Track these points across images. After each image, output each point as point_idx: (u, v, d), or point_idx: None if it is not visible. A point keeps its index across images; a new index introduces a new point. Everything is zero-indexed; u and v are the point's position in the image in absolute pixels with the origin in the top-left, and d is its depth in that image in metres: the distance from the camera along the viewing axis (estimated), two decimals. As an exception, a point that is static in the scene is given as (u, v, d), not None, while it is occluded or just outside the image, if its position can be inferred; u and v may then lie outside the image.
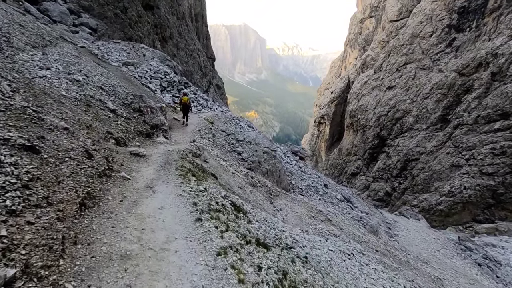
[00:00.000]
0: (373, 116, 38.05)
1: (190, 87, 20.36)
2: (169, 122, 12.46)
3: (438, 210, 23.45)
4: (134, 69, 17.17)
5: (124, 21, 20.18)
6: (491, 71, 23.80)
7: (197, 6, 46.64)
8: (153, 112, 9.85)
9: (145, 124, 9.14)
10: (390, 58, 39.40)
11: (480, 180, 21.37)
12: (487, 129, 22.21)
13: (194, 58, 38.90)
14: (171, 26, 30.15)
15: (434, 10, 34.86)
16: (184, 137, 11.82)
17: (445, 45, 31.95)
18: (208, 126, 14.54)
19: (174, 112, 15.70)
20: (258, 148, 14.49)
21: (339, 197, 16.68)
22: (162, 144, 8.91)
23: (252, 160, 13.51)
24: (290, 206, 11.19)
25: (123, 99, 9.47)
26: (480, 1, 28.50)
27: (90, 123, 6.65)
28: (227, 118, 17.81)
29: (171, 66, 21.24)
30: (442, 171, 24.67)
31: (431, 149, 26.89)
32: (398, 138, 32.84)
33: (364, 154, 38.80)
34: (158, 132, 9.67)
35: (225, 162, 11.17)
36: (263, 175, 13.28)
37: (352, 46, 64.39)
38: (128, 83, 12.13)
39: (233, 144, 14.04)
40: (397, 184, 30.46)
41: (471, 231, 20.52)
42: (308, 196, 14.89)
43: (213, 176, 7.84)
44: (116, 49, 17.84)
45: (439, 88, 29.27)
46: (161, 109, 11.33)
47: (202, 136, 13.10)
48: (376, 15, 55.70)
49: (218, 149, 12.97)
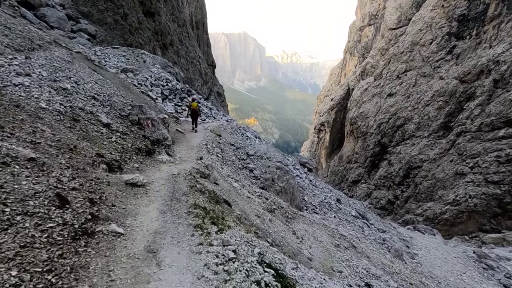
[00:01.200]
0: (374, 123, 37.81)
1: (193, 95, 19.80)
2: (172, 135, 11.34)
3: (443, 219, 22.96)
4: (134, 76, 16.36)
5: (124, 28, 20.00)
6: (493, 78, 23.67)
7: (198, 14, 46.92)
8: (154, 125, 8.78)
9: (145, 140, 8.08)
10: (390, 66, 39.42)
11: (485, 189, 20.97)
12: (491, 136, 21.92)
13: (195, 65, 38.85)
14: (172, 33, 30.11)
15: (434, 18, 35.03)
16: (190, 153, 10.66)
17: (445, 53, 31.96)
18: (215, 139, 13.46)
19: (177, 123, 14.42)
20: (270, 164, 13.55)
21: (353, 213, 15.80)
22: (165, 164, 7.76)
23: (265, 177, 12.56)
24: (311, 232, 10.22)
25: (120, 110, 8.24)
26: (480, 9, 28.61)
27: (75, 144, 5.31)
28: (233, 128, 17.03)
29: (173, 73, 20.50)
30: (446, 179, 24.27)
31: (434, 157, 26.54)
32: (399, 145, 32.52)
33: (365, 161, 38.41)
34: (160, 148, 8.61)
35: (237, 183, 10.11)
36: (277, 194, 12.41)
37: (352, 54, 64.76)
38: (127, 91, 11.34)
39: (243, 160, 13.05)
40: (399, 192, 29.98)
41: (478, 241, 20.00)
42: (322, 213, 13.99)
43: (226, 204, 6.76)
44: (115, 54, 17.20)
45: (441, 95, 29.12)
46: (164, 120, 10.26)
47: (210, 151, 11.99)
48: (375, 23, 56.19)
49: (228, 166, 11.89)
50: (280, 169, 13.69)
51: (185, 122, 15.75)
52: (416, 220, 25.08)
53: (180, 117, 16.57)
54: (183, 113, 17.59)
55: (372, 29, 56.86)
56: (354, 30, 65.40)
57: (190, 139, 12.73)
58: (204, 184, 6.88)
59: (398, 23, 43.66)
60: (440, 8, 34.43)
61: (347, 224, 13.78)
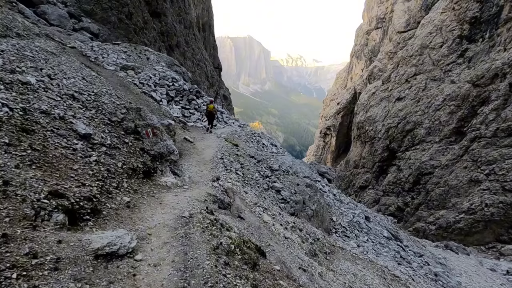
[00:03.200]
0: (382, 128, 36.90)
1: (202, 97, 18.35)
2: (179, 145, 9.56)
3: (457, 228, 21.91)
4: (135, 75, 15.01)
5: (128, 27, 19.65)
6: (509, 82, 22.74)
7: (205, 16, 46.84)
8: (156, 134, 6.98)
9: (144, 155, 6.18)
10: (399, 69, 38.59)
11: (503, 197, 19.94)
12: (508, 142, 20.93)
13: (201, 68, 38.58)
14: (178, 35, 29.85)
15: (444, 21, 34.21)
16: (202, 171, 8.57)
17: (456, 56, 31.06)
18: (232, 150, 11.62)
19: (184, 130, 12.32)
20: (299, 181, 11.70)
21: (385, 234, 14.04)
22: (170, 191, 5.95)
23: (295, 200, 10.66)
24: (359, 275, 8.47)
25: (110, 114, 6.21)
26: (493, 11, 27.75)
27: (7, 178, 3.14)
28: (247, 135, 15.58)
29: (180, 72, 19.00)
30: (459, 187, 23.25)
31: (446, 163, 25.54)
32: (409, 150, 31.54)
33: (373, 166, 37.42)
34: (164, 166, 6.80)
35: (267, 215, 8.30)
36: (309, 219, 10.64)
37: (358, 57, 64.07)
38: (125, 91, 9.98)
39: (268, 177, 11.18)
40: (409, 199, 28.95)
41: (495, 252, 18.95)
42: (353, 236, 12.33)
43: (259, 254, 4.97)
44: (114, 51, 15.91)
45: (452, 99, 28.18)
46: (169, 128, 8.56)
47: (228, 167, 10.04)
48: (383, 26, 55.50)
49: (251, 187, 9.94)
50: (311, 187, 11.77)
51: (194, 128, 14.17)
52: (428, 228, 24.05)
53: (188, 122, 14.86)
54: (191, 117, 16.08)
55: (380, 33, 56.17)
56: (361, 33, 64.78)
57: (202, 150, 10.77)
58: (229, 224, 5.11)
59: (407, 26, 42.91)
60: (451, 11, 33.61)
61: (382, 249, 12.22)
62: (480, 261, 14.61)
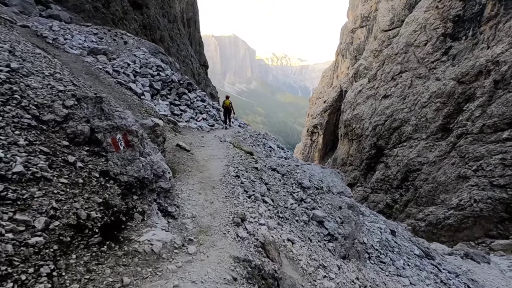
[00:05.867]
0: (369, 126, 37.00)
1: (196, 91, 15.81)
2: (170, 156, 6.97)
3: (447, 224, 22.03)
4: (108, 61, 12.53)
5: (106, 16, 18.05)
6: (493, 78, 23.10)
7: (189, 11, 45.21)
8: (132, 145, 4.26)
9: (107, 187, 3.60)
10: (385, 67, 38.85)
11: (491, 193, 20.17)
12: (495, 138, 21.23)
13: (187, 65, 37.06)
14: (162, 29, 28.32)
15: (428, 19, 34.65)
16: (212, 202, 5.75)
17: (441, 54, 31.50)
18: (247, 162, 8.63)
19: (175, 133, 9.53)
20: (339, 202, 9.12)
21: (417, 252, 12.12)
22: (158, 270, 3.30)
23: (343, 233, 8.02)
24: None
25: (40, 107, 3.49)
26: (475, 10, 28.24)
27: None
28: (252, 137, 13.30)
29: (167, 61, 16.49)
30: (448, 183, 23.43)
31: (434, 160, 25.73)
32: (396, 148, 31.71)
33: (361, 164, 37.50)
34: (147, 202, 4.15)
35: (329, 280, 5.91)
36: (358, 258, 8.38)
37: (344, 56, 64.47)
38: (94, 81, 8.03)
39: (303, 201, 8.37)
40: (398, 196, 29.05)
41: (485, 247, 19.11)
42: (389, 260, 10.05)
43: None
44: (81, 32, 13.34)
45: (438, 96, 28.49)
46: (155, 131, 5.84)
47: (249, 191, 6.99)
48: (368, 25, 56.02)
49: (289, 222, 7.04)
50: (353, 209, 9.13)
51: (187, 129, 11.46)
52: (418, 225, 24.10)
53: (180, 122, 11.98)
54: (183, 115, 13.19)
55: (365, 31, 56.66)
56: (346, 32, 65.22)
57: (205, 163, 7.69)
58: None
59: (391, 24, 43.31)
60: (434, 9, 34.08)
61: (421, 273, 10.39)
62: (503, 270, 13.71)
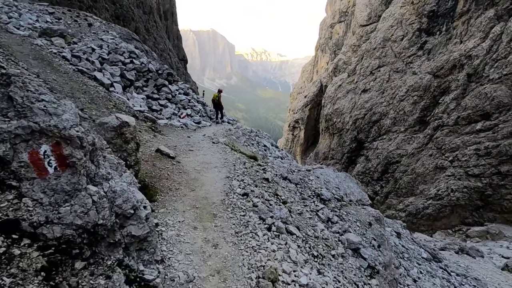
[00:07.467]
0: (349, 119, 37.53)
1: (177, 82, 14.17)
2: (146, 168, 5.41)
3: (426, 214, 22.83)
4: (66, 45, 10.72)
5: (72, 3, 16.43)
6: (466, 72, 23.99)
7: (166, 3, 43.22)
8: (74, 165, 2.54)
9: (16, 259, 2.01)
10: (363, 62, 39.44)
11: (467, 182, 21.07)
12: (469, 130, 22.12)
13: (165, 59, 35.37)
14: (136, 20, 26.67)
15: (404, 14, 35.43)
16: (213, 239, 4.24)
17: (416, 48, 32.34)
18: (255, 173, 6.69)
19: (155, 133, 8.03)
20: (365, 215, 7.61)
21: (424, 255, 11.46)
22: None
23: (383, 263, 6.27)
24: None
25: None
26: (448, 5, 29.14)
27: None
28: (244, 135, 12.18)
29: (142, 49, 14.61)
30: (426, 174, 24.24)
31: (412, 151, 26.51)
32: (376, 141, 32.38)
33: (342, 157, 38.05)
34: (105, 278, 2.56)
35: None
36: None
37: (323, 51, 65.01)
38: (45, 68, 6.62)
39: (329, 221, 6.55)
40: (379, 188, 29.76)
41: (461, 234, 19.98)
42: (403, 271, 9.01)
43: None
44: (32, 10, 11.60)
45: (415, 90, 29.27)
46: (121, 136, 4.39)
47: (266, 219, 5.10)
48: (346, 20, 56.69)
49: (327, 263, 5.08)
50: (379, 222, 7.71)
51: (169, 128, 9.84)
52: (399, 216, 24.79)
53: (160, 119, 10.38)
54: (163, 111, 11.67)
55: (343, 26, 57.33)
56: (325, 27, 65.71)
57: (197, 175, 5.81)
58: None
59: (369, 19, 43.93)
60: (410, 5, 34.87)
61: (436, 282, 9.88)
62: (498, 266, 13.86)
